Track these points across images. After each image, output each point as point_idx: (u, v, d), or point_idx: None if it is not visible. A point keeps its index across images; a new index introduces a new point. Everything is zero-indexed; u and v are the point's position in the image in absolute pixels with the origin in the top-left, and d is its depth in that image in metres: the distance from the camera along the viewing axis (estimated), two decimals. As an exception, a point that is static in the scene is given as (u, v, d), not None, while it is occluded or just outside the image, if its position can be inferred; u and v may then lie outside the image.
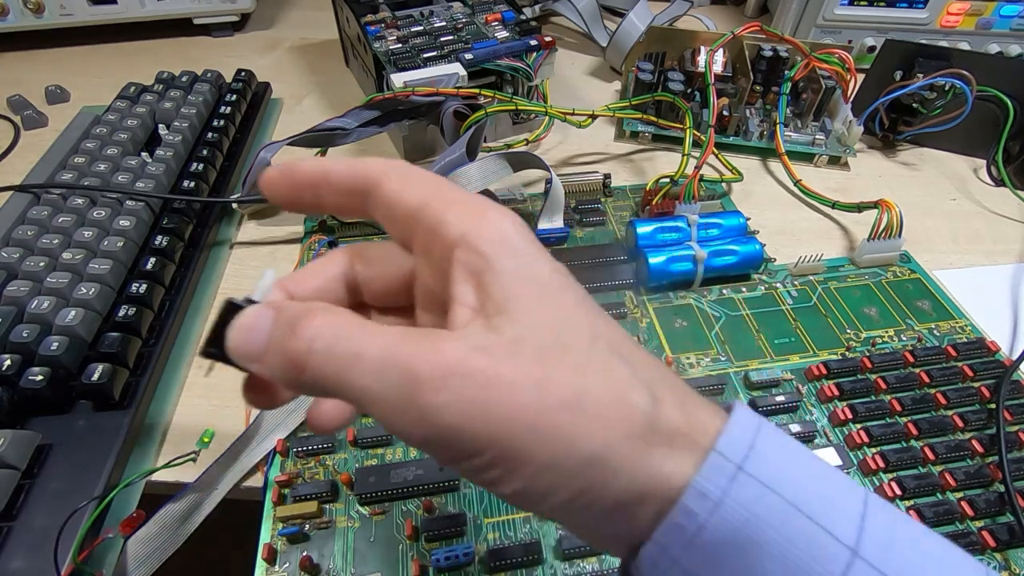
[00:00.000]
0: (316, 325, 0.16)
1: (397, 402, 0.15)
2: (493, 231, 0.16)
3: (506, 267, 0.16)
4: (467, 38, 0.50)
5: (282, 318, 0.16)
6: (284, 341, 0.16)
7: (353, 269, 0.20)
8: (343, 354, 0.15)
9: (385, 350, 0.15)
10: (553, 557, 0.28)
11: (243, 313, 0.17)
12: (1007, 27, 0.60)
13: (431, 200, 0.17)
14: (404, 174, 0.18)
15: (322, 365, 0.15)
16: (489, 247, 0.16)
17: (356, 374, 0.15)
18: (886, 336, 0.38)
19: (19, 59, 0.63)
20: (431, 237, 0.17)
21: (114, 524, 0.28)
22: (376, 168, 0.19)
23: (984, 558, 0.28)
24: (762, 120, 0.52)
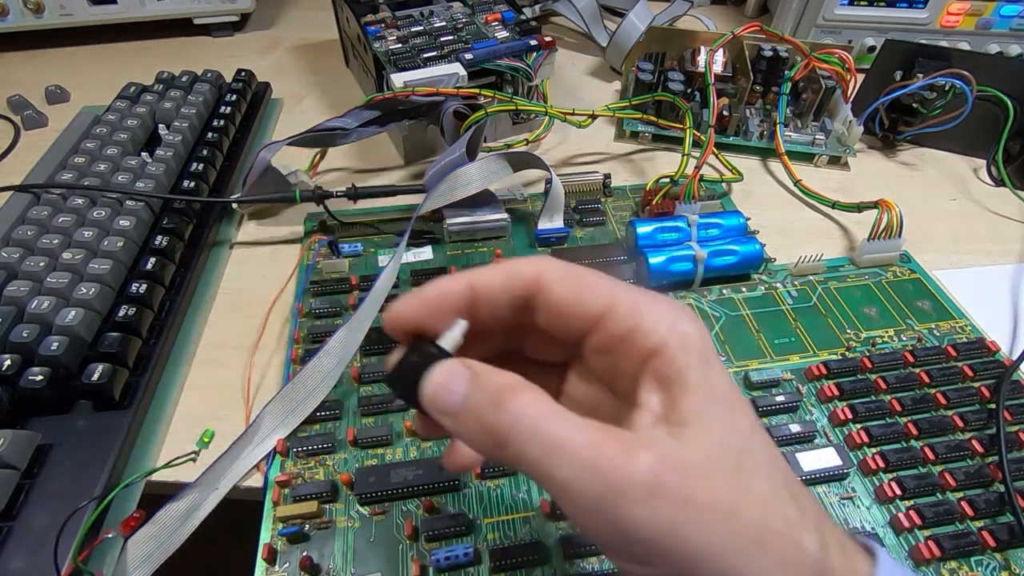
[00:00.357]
0: (520, 404, 0.16)
1: (591, 503, 0.15)
2: (686, 341, 0.17)
3: (696, 380, 0.16)
4: (467, 38, 0.50)
5: (480, 385, 0.17)
6: (486, 412, 0.16)
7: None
8: (546, 443, 0.15)
9: (587, 448, 0.15)
10: (554, 557, 0.28)
11: (440, 368, 0.17)
12: (1007, 27, 0.60)
13: (616, 303, 0.18)
14: (567, 275, 0.18)
15: (525, 446, 0.15)
16: (683, 358, 0.16)
17: (556, 466, 0.15)
18: (886, 336, 0.38)
19: (19, 59, 0.63)
20: (618, 342, 0.17)
21: (114, 524, 0.28)
22: (531, 273, 0.18)
23: (984, 558, 0.28)
24: (762, 120, 0.52)
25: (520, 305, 0.19)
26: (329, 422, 0.33)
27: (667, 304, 0.18)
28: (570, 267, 0.19)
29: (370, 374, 0.34)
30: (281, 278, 0.40)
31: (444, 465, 0.20)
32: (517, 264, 0.19)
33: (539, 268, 0.18)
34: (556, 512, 0.29)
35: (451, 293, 0.18)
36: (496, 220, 0.42)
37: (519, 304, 0.19)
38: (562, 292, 0.18)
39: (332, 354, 0.33)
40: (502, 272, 0.19)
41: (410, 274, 0.40)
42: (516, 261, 0.19)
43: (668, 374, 0.17)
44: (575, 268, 0.19)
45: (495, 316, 0.19)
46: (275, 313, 0.38)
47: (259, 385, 0.35)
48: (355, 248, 0.41)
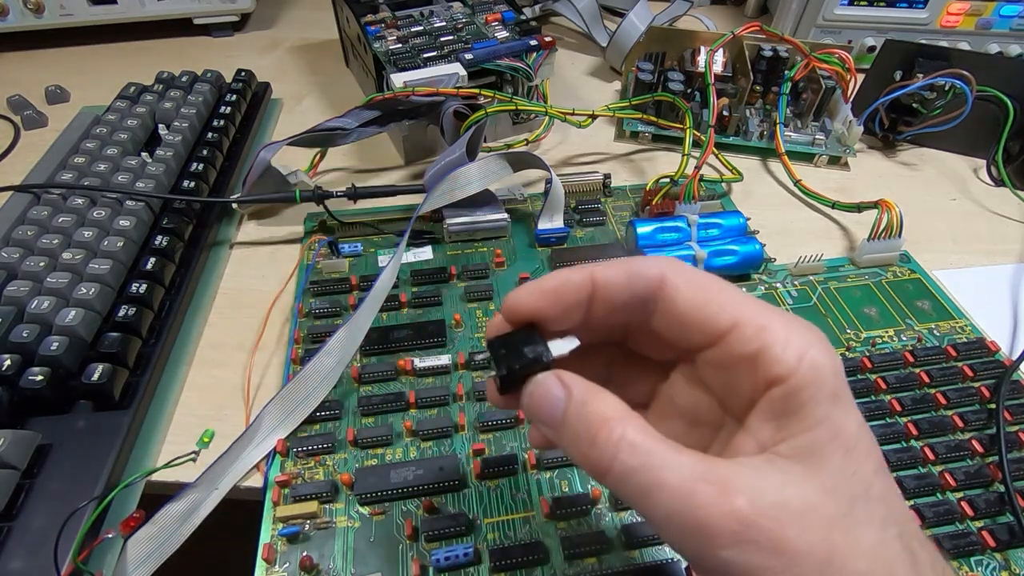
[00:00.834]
0: (621, 438, 0.16)
1: (684, 540, 0.15)
2: (817, 374, 0.16)
3: (819, 417, 0.15)
4: (467, 38, 0.50)
5: (578, 413, 0.17)
6: (582, 443, 0.16)
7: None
8: (645, 480, 0.15)
9: (683, 485, 0.15)
10: (554, 557, 0.28)
11: (538, 381, 0.17)
12: (1007, 27, 0.60)
13: (743, 320, 0.17)
14: (692, 282, 0.17)
15: (624, 480, 0.16)
16: (809, 392, 0.15)
17: (653, 503, 0.15)
18: (886, 336, 0.38)
19: (19, 59, 0.63)
20: (739, 362, 0.17)
21: (114, 524, 0.28)
22: (655, 274, 0.18)
23: (984, 558, 0.28)
24: (762, 120, 0.52)
25: (638, 305, 0.18)
26: (329, 422, 0.33)
27: (801, 328, 0.16)
28: (697, 273, 0.18)
29: (370, 374, 0.34)
30: (281, 278, 0.40)
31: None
32: (642, 263, 0.18)
33: (664, 270, 0.18)
34: (556, 512, 0.29)
35: (572, 287, 0.18)
36: (496, 220, 0.42)
37: (637, 304, 0.18)
38: (686, 300, 0.17)
39: (332, 354, 0.33)
40: (625, 270, 0.18)
41: (410, 274, 0.40)
42: (641, 260, 0.18)
43: (789, 407, 0.16)
44: (702, 275, 0.18)
45: (611, 312, 0.18)
46: (275, 313, 0.38)
47: (259, 385, 0.35)
48: (355, 248, 0.41)
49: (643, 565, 0.27)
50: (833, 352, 0.16)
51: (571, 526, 0.29)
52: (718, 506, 0.15)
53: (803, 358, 0.16)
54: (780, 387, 0.16)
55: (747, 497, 0.15)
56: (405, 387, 0.34)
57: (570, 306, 0.18)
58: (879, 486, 0.16)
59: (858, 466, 0.15)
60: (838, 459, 0.15)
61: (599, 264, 0.18)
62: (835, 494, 0.15)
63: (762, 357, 0.16)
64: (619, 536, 0.28)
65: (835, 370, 0.16)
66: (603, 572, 0.27)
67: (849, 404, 0.16)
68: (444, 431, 0.32)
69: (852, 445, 0.16)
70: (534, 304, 0.18)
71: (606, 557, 0.28)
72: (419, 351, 0.36)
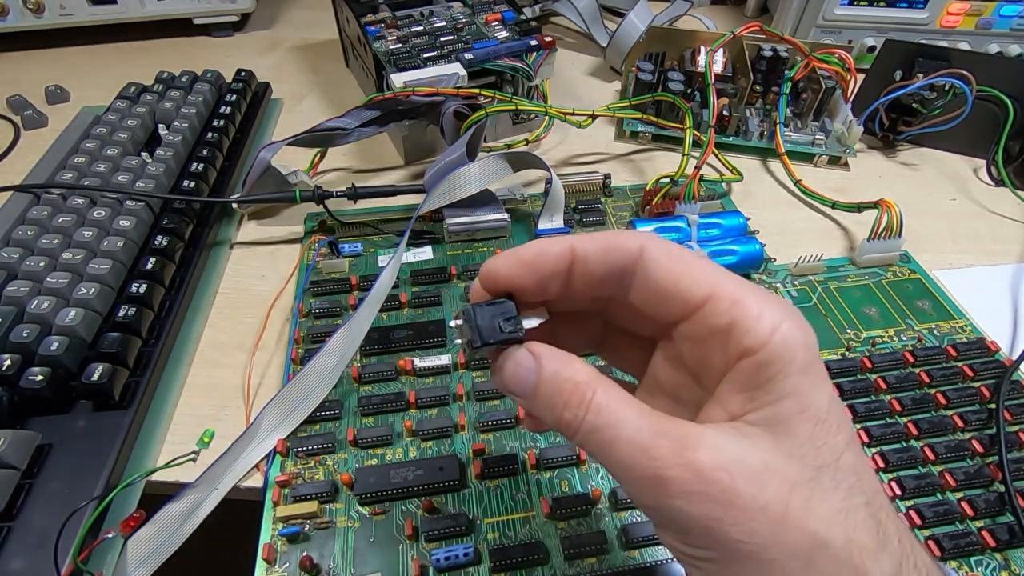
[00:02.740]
0: (591, 400, 0.16)
1: (642, 488, 0.16)
2: (788, 346, 0.16)
3: (789, 390, 0.16)
4: (467, 38, 0.50)
5: (548, 381, 0.17)
6: (555, 407, 0.17)
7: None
8: (608, 436, 0.16)
9: (643, 440, 0.16)
10: (554, 557, 0.28)
11: (509, 355, 0.18)
12: (1007, 27, 0.60)
13: (718, 293, 0.17)
14: (669, 255, 0.17)
15: (590, 436, 0.16)
16: (778, 365, 0.16)
17: (616, 457, 0.16)
18: (886, 336, 0.38)
19: (19, 59, 0.63)
20: (713, 335, 0.17)
21: (114, 524, 0.28)
22: (633, 246, 0.18)
23: (984, 558, 0.28)
24: (762, 120, 0.52)
25: (616, 279, 0.18)
26: (329, 422, 0.33)
27: (774, 303, 0.16)
28: (676, 247, 0.18)
29: (370, 374, 0.34)
30: (281, 278, 0.40)
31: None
32: (622, 236, 0.18)
33: (643, 242, 0.18)
34: (556, 512, 0.29)
35: (549, 258, 0.18)
36: (496, 220, 0.42)
37: (616, 277, 0.18)
38: (663, 272, 0.17)
39: (332, 354, 0.33)
40: (604, 242, 0.18)
41: (410, 274, 0.40)
42: (621, 233, 0.18)
43: (759, 378, 0.16)
44: (679, 249, 0.18)
45: (591, 285, 0.19)
46: (275, 313, 0.38)
47: (259, 385, 0.35)
48: (355, 248, 0.41)
49: (643, 565, 0.27)
50: (806, 326, 0.16)
51: (571, 526, 0.29)
52: (674, 458, 0.15)
53: (775, 330, 0.16)
54: (751, 358, 0.16)
55: (704, 451, 0.15)
56: (405, 387, 0.34)
57: (546, 277, 0.18)
58: (850, 458, 0.16)
59: (829, 438, 0.16)
60: (807, 429, 0.16)
61: (579, 236, 0.19)
62: (801, 461, 0.15)
63: (735, 329, 0.16)
64: (619, 536, 0.28)
65: (807, 344, 0.16)
66: (603, 572, 0.27)
67: (820, 378, 0.16)
68: (444, 431, 0.32)
69: (823, 418, 0.16)
70: (510, 273, 0.19)
71: (606, 557, 0.28)
72: (419, 351, 0.36)
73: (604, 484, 0.30)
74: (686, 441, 0.15)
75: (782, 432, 0.16)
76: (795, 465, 0.15)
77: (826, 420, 0.16)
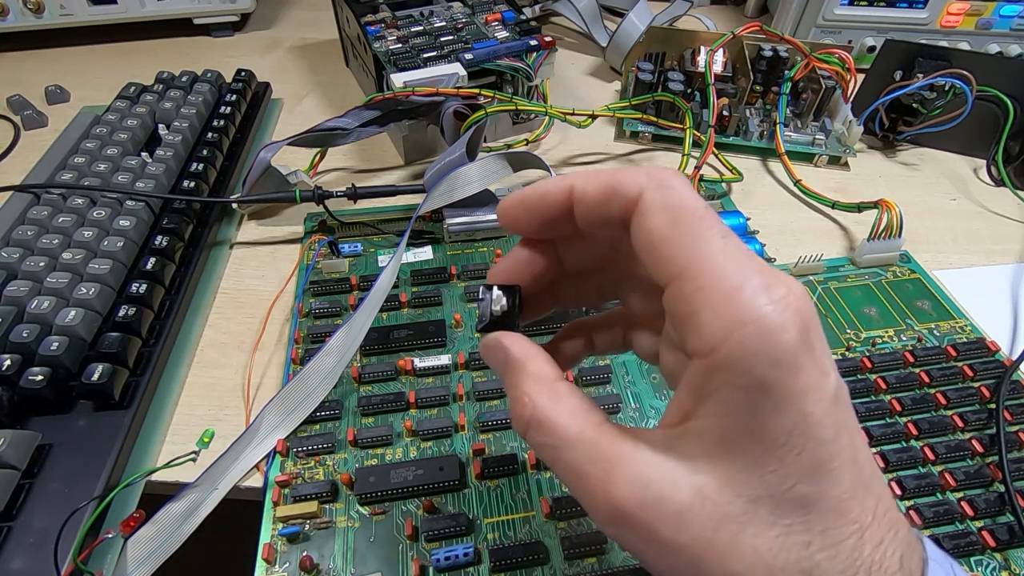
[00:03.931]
0: (531, 416, 0.16)
1: (582, 502, 0.16)
2: (739, 360, 0.13)
3: (734, 407, 0.14)
4: (467, 38, 0.50)
5: (510, 370, 0.18)
6: (510, 407, 0.17)
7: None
8: (548, 455, 0.16)
9: (575, 467, 0.16)
10: (554, 557, 0.28)
11: (487, 342, 0.19)
12: (1007, 27, 0.60)
13: (690, 271, 0.14)
14: (667, 206, 0.15)
15: (536, 449, 0.17)
16: (725, 378, 0.14)
17: (558, 474, 0.16)
18: (886, 336, 0.38)
19: (19, 59, 0.63)
20: (673, 319, 0.15)
21: (114, 524, 0.28)
22: (633, 192, 0.15)
23: (984, 558, 0.28)
24: (762, 120, 0.52)
25: (617, 224, 0.16)
26: (329, 422, 0.33)
27: (750, 300, 0.13)
28: (680, 197, 0.15)
29: (370, 374, 0.34)
30: (281, 278, 0.40)
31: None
32: (624, 176, 0.16)
33: (642, 187, 0.15)
34: (556, 512, 0.29)
35: (548, 202, 0.18)
36: (496, 220, 0.42)
37: (616, 222, 0.16)
38: (649, 228, 0.15)
39: (332, 354, 0.33)
40: (605, 183, 0.16)
41: (410, 274, 0.40)
42: (625, 172, 0.16)
43: (705, 387, 0.14)
44: (683, 202, 0.15)
45: (592, 226, 0.17)
46: (275, 313, 0.38)
47: (259, 385, 0.35)
48: (355, 248, 0.41)
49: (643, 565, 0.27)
50: (782, 333, 0.13)
51: (571, 526, 0.29)
52: (600, 490, 0.15)
53: (729, 337, 0.13)
54: (699, 361, 0.14)
55: (627, 487, 0.15)
56: (405, 387, 0.34)
57: (548, 221, 0.18)
58: (804, 491, 0.14)
59: (780, 466, 0.14)
60: (753, 454, 0.14)
61: (582, 174, 0.17)
62: (736, 489, 0.14)
63: (688, 322, 0.14)
64: (619, 536, 0.28)
65: (772, 359, 0.13)
66: (603, 572, 0.27)
67: (787, 397, 0.13)
68: (444, 431, 0.32)
69: (780, 442, 0.14)
70: (516, 215, 0.18)
71: (606, 557, 0.28)
72: (419, 351, 0.36)
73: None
74: (611, 471, 0.15)
75: (723, 452, 0.14)
76: (728, 495, 0.14)
77: (783, 446, 0.14)
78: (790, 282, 0.14)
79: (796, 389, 0.14)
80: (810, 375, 0.14)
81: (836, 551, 0.14)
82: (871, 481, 0.15)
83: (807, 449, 0.14)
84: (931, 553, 0.16)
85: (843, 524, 0.14)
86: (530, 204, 0.18)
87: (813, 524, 0.14)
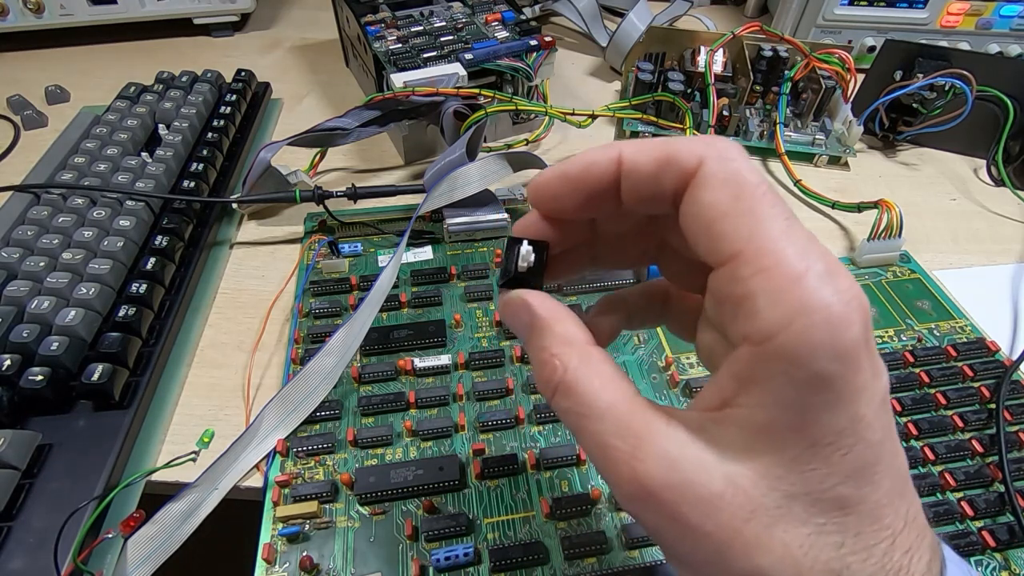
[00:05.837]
0: (561, 379, 0.16)
1: (604, 479, 0.15)
2: (797, 351, 0.13)
3: (784, 401, 0.13)
4: (467, 38, 0.50)
5: (533, 333, 0.17)
6: (535, 368, 0.17)
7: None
8: (574, 422, 0.16)
9: (600, 438, 0.15)
10: (554, 557, 0.28)
11: (511, 300, 0.18)
12: (1007, 27, 0.60)
13: (750, 250, 0.13)
14: (727, 180, 0.14)
15: (560, 414, 0.16)
16: (779, 367, 0.13)
17: (581, 442, 0.16)
18: (886, 336, 0.38)
19: (19, 59, 0.63)
20: (726, 300, 0.14)
21: (114, 524, 0.28)
22: (692, 160, 0.14)
23: (984, 558, 0.28)
24: (762, 120, 0.52)
25: (669, 197, 0.15)
26: (329, 422, 0.33)
27: (816, 286, 0.13)
28: (741, 170, 0.14)
29: (370, 374, 0.34)
30: (281, 278, 0.40)
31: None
32: (677, 146, 0.15)
33: (702, 156, 0.14)
34: (556, 512, 0.29)
35: (595, 172, 0.16)
36: (496, 220, 0.42)
37: (668, 195, 0.15)
38: (707, 202, 0.14)
39: (332, 354, 0.33)
40: (657, 153, 0.15)
41: (410, 274, 0.40)
42: (678, 141, 0.15)
43: (754, 374, 0.13)
44: (744, 175, 0.14)
45: (641, 201, 0.16)
46: (275, 313, 0.38)
47: (259, 385, 0.35)
48: (355, 248, 0.41)
49: (643, 565, 0.27)
50: (849, 327, 0.13)
51: (571, 526, 0.29)
52: (626, 465, 0.14)
53: (790, 324, 0.12)
54: (752, 348, 0.13)
55: (655, 464, 0.14)
56: (405, 387, 0.34)
57: (593, 196, 0.16)
58: (844, 492, 0.13)
59: (824, 465, 0.13)
60: (795, 449, 0.13)
61: (631, 143, 0.16)
62: (772, 483, 0.13)
63: (745, 305, 0.13)
64: (619, 536, 0.28)
65: (836, 354, 0.13)
66: (603, 572, 0.27)
67: (844, 395, 0.13)
68: (444, 431, 0.32)
69: (827, 441, 0.13)
70: (556, 192, 0.17)
71: (606, 557, 0.28)
72: (419, 351, 0.36)
73: (604, 484, 0.30)
74: (639, 447, 0.14)
75: (764, 445, 0.14)
76: (764, 487, 0.13)
77: (831, 444, 0.13)
78: (850, 274, 0.13)
79: (854, 387, 0.13)
80: (868, 374, 0.13)
81: (868, 554, 0.14)
82: (905, 487, 0.15)
83: (855, 450, 0.13)
84: (948, 555, 0.16)
85: (878, 529, 0.14)
86: (573, 177, 0.16)
87: (848, 526, 0.14)
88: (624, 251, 0.20)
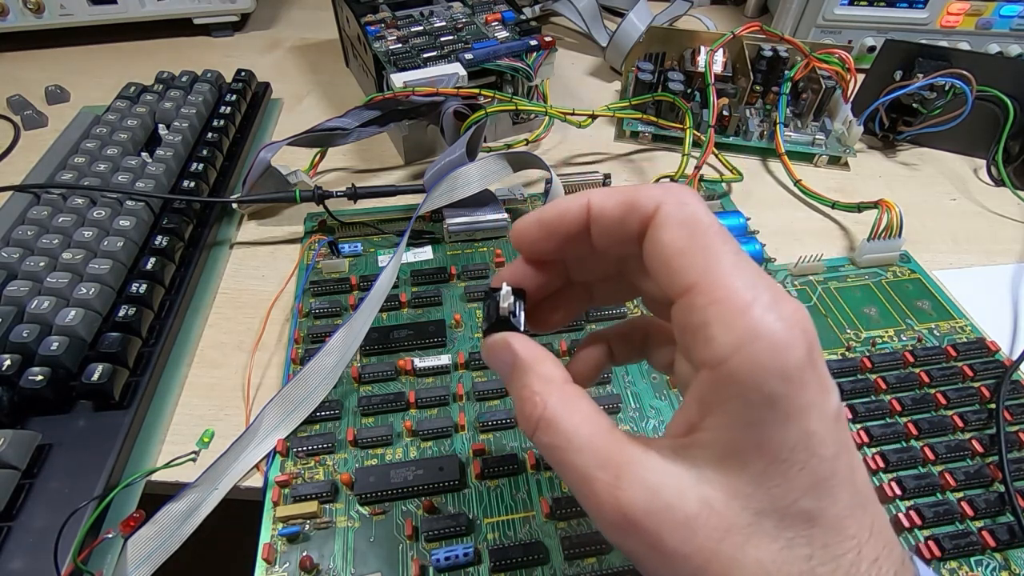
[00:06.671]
0: (541, 417, 0.16)
1: (588, 513, 0.16)
2: (749, 373, 0.14)
3: (744, 420, 0.14)
4: (467, 38, 0.50)
5: (515, 372, 0.18)
6: (516, 407, 0.17)
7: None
8: (556, 457, 0.16)
9: (583, 471, 0.16)
10: (554, 557, 0.28)
11: (493, 344, 0.19)
12: (1007, 27, 0.60)
13: (704, 283, 0.15)
14: (684, 221, 0.15)
15: (542, 451, 0.17)
16: (735, 389, 0.14)
17: (563, 477, 0.16)
18: (886, 336, 0.38)
19: (19, 59, 0.63)
20: (685, 330, 0.15)
21: (114, 524, 0.28)
22: (649, 207, 0.16)
23: (984, 558, 0.28)
24: (762, 120, 0.52)
25: (634, 239, 0.17)
26: (329, 422, 0.33)
27: (761, 314, 0.14)
28: (695, 213, 0.15)
29: (370, 374, 0.34)
30: (281, 278, 0.40)
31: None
32: (642, 193, 0.16)
33: (660, 201, 0.16)
34: (556, 512, 0.29)
35: (568, 217, 0.18)
36: (496, 220, 0.42)
37: (633, 237, 0.17)
38: (665, 241, 0.15)
39: (332, 354, 0.33)
40: (623, 200, 0.17)
41: (410, 274, 0.40)
42: (643, 189, 0.16)
43: (714, 397, 0.14)
44: (698, 217, 0.15)
45: (611, 244, 0.18)
46: (275, 313, 0.38)
47: (259, 385, 0.35)
48: (355, 248, 0.41)
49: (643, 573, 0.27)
50: (792, 350, 0.14)
51: (571, 526, 0.29)
52: (608, 496, 0.15)
53: (740, 349, 0.14)
54: (709, 372, 0.14)
55: (636, 493, 0.15)
56: (405, 387, 0.34)
57: (566, 239, 0.18)
58: (806, 505, 0.14)
59: (784, 480, 0.14)
60: (759, 467, 0.14)
61: (600, 191, 0.17)
62: (742, 501, 0.14)
63: (701, 333, 0.14)
64: (619, 536, 0.28)
65: (783, 373, 0.14)
66: (603, 572, 0.27)
67: (792, 412, 0.14)
68: (444, 431, 0.32)
69: (783, 457, 0.14)
70: (533, 237, 0.19)
71: (606, 557, 0.28)
72: (419, 351, 0.36)
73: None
74: (620, 477, 0.15)
75: (730, 464, 0.14)
76: (735, 507, 0.14)
77: (787, 460, 0.14)
78: (796, 301, 0.15)
79: (802, 405, 0.14)
80: (814, 392, 0.14)
81: (836, 565, 0.14)
82: (867, 500, 0.15)
83: (809, 465, 0.14)
84: (922, 571, 0.16)
85: (843, 539, 0.15)
86: (549, 223, 0.18)
87: (815, 538, 0.14)
88: (613, 288, 0.21)
